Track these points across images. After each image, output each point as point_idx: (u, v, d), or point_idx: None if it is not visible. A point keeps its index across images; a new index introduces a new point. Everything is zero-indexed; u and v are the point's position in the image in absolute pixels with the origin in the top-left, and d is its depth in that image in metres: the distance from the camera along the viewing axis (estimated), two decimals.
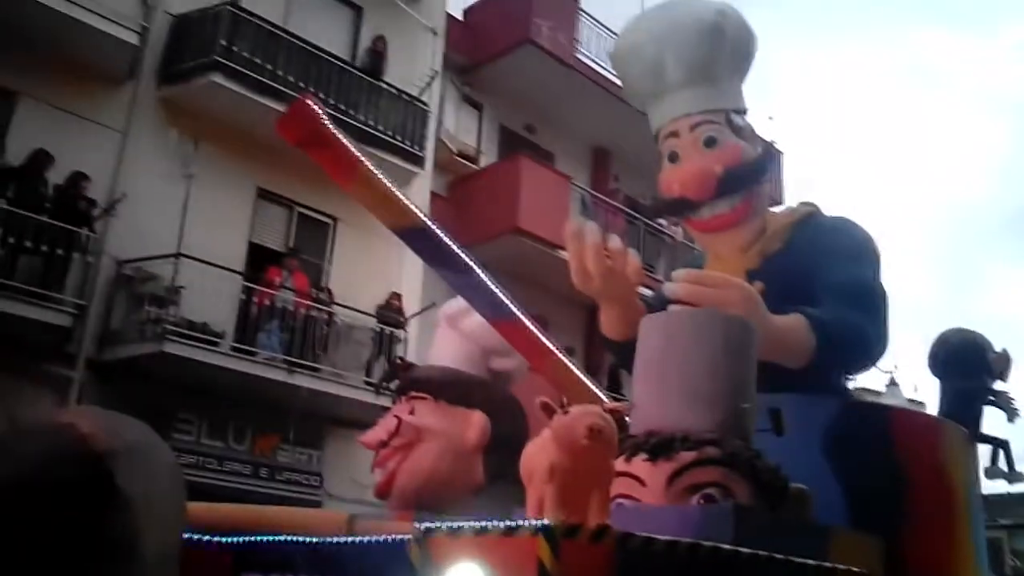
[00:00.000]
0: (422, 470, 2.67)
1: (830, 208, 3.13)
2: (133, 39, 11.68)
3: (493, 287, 2.42)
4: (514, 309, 2.42)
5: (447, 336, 2.93)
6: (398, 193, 2.27)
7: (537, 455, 1.51)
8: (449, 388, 2.76)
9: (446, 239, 2.37)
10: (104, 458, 1.20)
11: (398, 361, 3.02)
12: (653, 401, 1.96)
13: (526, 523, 1.27)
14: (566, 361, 2.53)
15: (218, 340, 11.59)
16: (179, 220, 11.42)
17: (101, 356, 11.15)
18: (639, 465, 1.83)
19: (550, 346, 2.48)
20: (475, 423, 2.68)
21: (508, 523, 1.28)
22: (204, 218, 11.84)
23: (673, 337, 2.03)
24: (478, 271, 2.38)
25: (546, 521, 1.26)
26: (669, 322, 2.13)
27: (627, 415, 1.59)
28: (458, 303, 2.87)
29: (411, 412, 2.74)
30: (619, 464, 1.82)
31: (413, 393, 2.79)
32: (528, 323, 2.43)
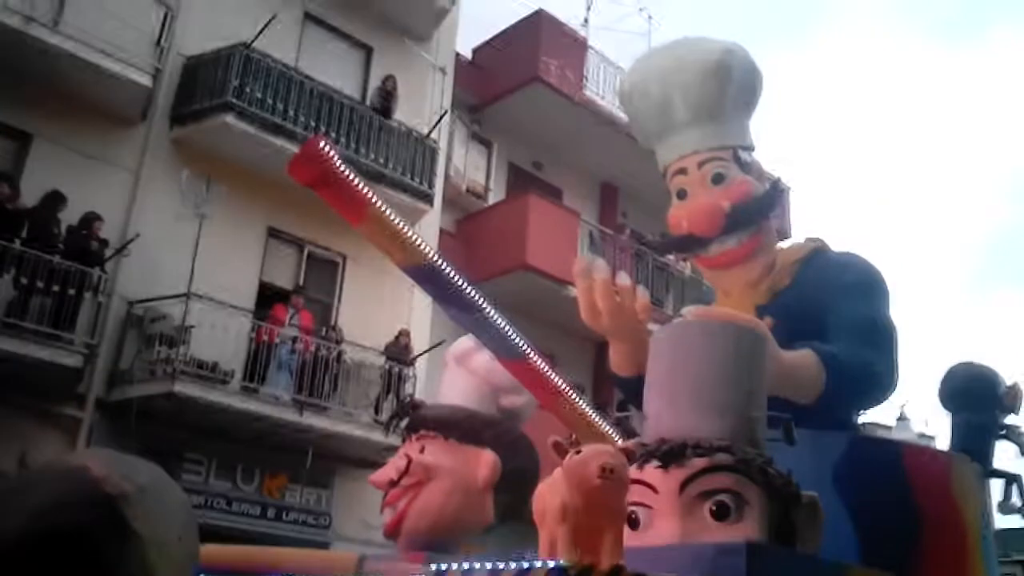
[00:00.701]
0: (432, 509, 2.66)
1: (838, 243, 3.15)
2: (146, 81, 11.82)
3: (503, 325, 2.43)
4: (524, 347, 2.42)
5: (456, 374, 2.94)
6: (409, 231, 2.29)
7: (549, 495, 1.51)
8: (459, 426, 2.76)
9: (456, 277, 2.39)
10: (117, 501, 1.20)
11: (408, 399, 3.02)
12: (665, 410, 1.96)
13: (540, 564, 1.26)
14: (576, 399, 2.53)
15: (228, 380, 11.59)
16: (190, 260, 11.46)
17: (110, 396, 11.16)
18: (651, 472, 1.83)
19: (560, 384, 2.48)
20: (485, 461, 2.68)
21: (522, 564, 1.28)
22: (215, 257, 11.89)
23: (684, 347, 2.04)
24: (488, 309, 2.39)
25: (560, 562, 1.26)
26: (681, 333, 2.15)
27: (637, 454, 1.59)
28: (467, 341, 2.88)
29: (421, 451, 2.74)
30: (631, 472, 1.82)
31: (423, 432, 2.79)
32: (538, 361, 2.44)
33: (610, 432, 2.44)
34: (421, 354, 13.55)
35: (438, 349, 13.01)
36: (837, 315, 2.75)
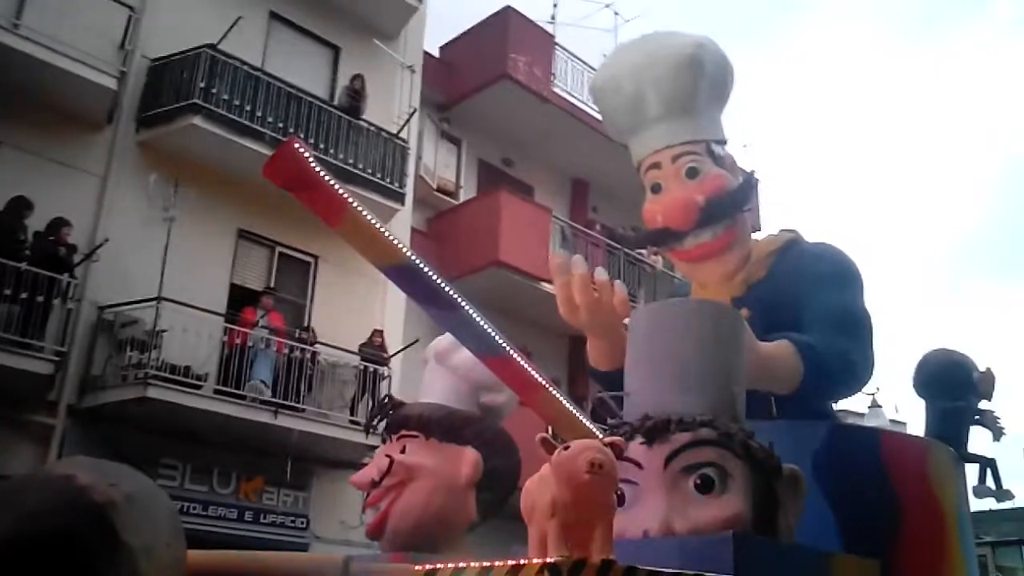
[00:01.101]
0: (415, 509, 2.65)
1: (812, 233, 3.17)
2: (112, 84, 11.71)
3: (482, 323, 2.43)
4: (503, 344, 2.42)
5: (437, 372, 2.93)
6: (386, 232, 2.28)
7: (538, 491, 1.51)
8: (440, 425, 2.75)
9: (434, 276, 2.38)
10: (105, 509, 1.20)
11: (388, 399, 3.01)
12: (647, 388, 1.98)
13: (532, 560, 1.27)
14: (557, 395, 2.54)
15: (201, 383, 11.51)
16: (160, 263, 11.36)
17: (82, 403, 11.05)
18: (636, 449, 1.85)
19: (540, 380, 2.48)
20: (467, 460, 2.68)
21: (513, 561, 1.28)
22: (185, 261, 11.80)
23: (664, 326, 2.06)
24: (466, 308, 2.39)
25: (552, 558, 1.26)
26: (660, 312, 2.18)
27: (624, 449, 1.60)
28: (447, 339, 2.88)
29: (402, 451, 2.73)
30: None
31: (404, 431, 2.78)
32: (518, 358, 2.44)
33: (591, 428, 2.45)
34: (396, 353, 13.54)
35: (413, 348, 13.01)
36: (812, 306, 2.77)
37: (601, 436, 1.74)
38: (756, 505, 1.81)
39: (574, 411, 2.53)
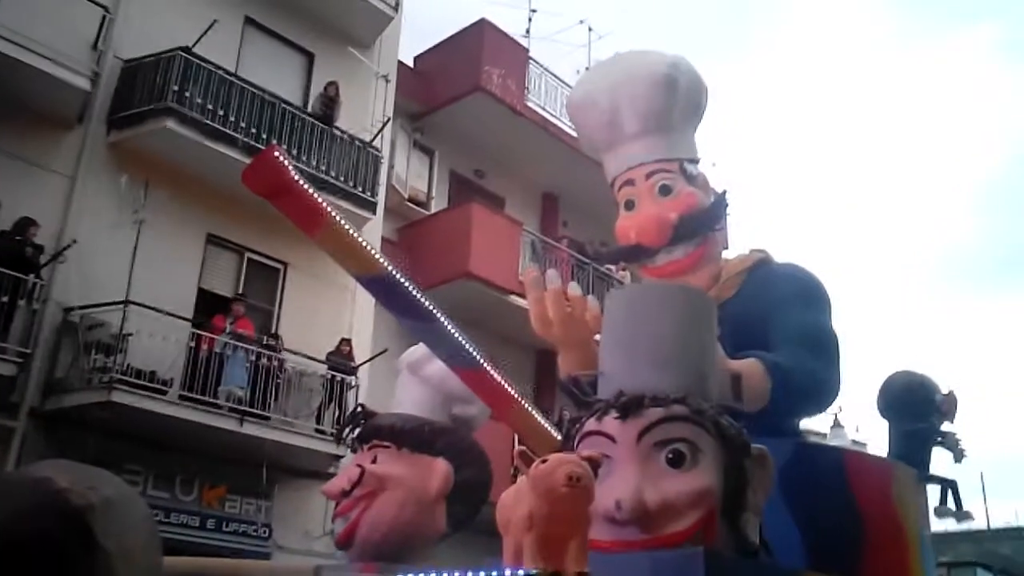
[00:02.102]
0: (385, 519, 2.66)
1: (781, 253, 3.21)
2: (84, 84, 11.63)
3: (456, 335, 2.45)
4: (477, 357, 2.44)
5: (409, 383, 2.94)
6: (363, 242, 2.30)
7: (514, 503, 1.53)
8: (412, 436, 2.76)
9: (410, 288, 2.40)
10: (83, 513, 1.19)
11: (360, 409, 3.01)
12: (621, 368, 2.02)
13: (508, 572, 1.28)
14: (529, 408, 2.56)
15: (166, 389, 11.41)
16: (128, 266, 11.27)
17: (45, 406, 10.91)
18: (610, 423, 1.89)
19: (513, 393, 2.50)
20: (438, 471, 2.68)
21: (490, 572, 1.30)
22: (154, 264, 11.70)
23: (639, 308, 2.10)
24: (441, 319, 2.41)
25: (528, 570, 1.28)
26: (635, 295, 2.22)
27: (601, 463, 1.62)
28: (420, 350, 2.89)
29: (374, 460, 2.73)
30: (590, 424, 1.90)
31: (376, 442, 2.78)
32: (491, 370, 2.46)
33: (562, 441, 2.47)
34: (364, 363, 13.49)
35: (381, 358, 12.98)
36: (781, 325, 2.80)
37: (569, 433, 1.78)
38: (726, 480, 1.86)
39: (545, 424, 2.55)
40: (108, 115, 12.27)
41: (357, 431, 2.88)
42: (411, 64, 17.60)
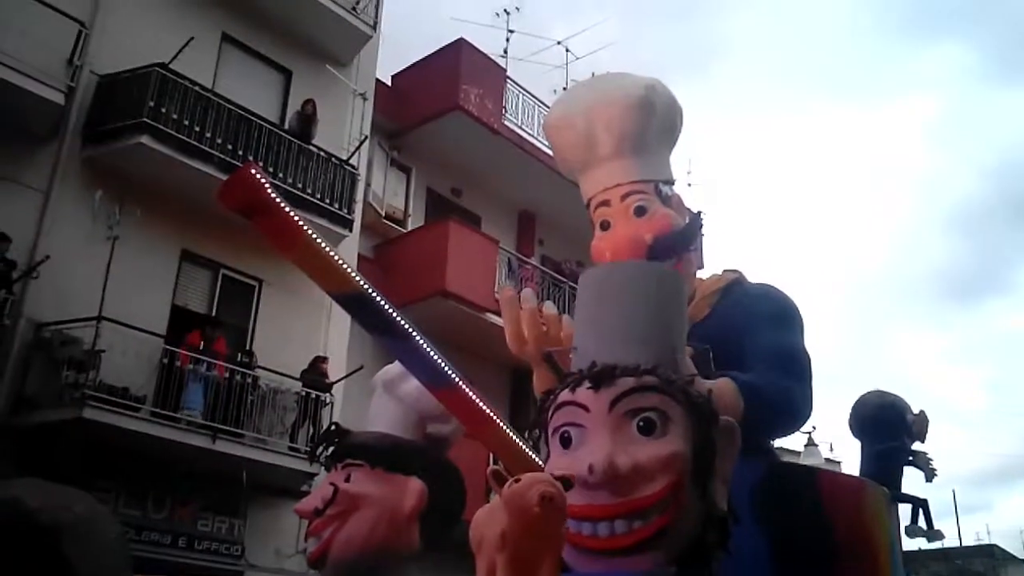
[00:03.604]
0: (358, 539, 2.64)
1: (755, 273, 3.24)
2: (59, 99, 11.56)
3: (432, 354, 2.45)
4: (453, 375, 2.44)
5: (383, 401, 2.93)
6: (340, 260, 2.30)
7: (487, 522, 1.53)
8: (386, 455, 2.75)
9: (386, 306, 2.40)
10: (52, 532, 1.19)
11: (333, 427, 3.00)
12: (593, 343, 2.05)
13: None
14: (505, 428, 2.56)
15: (139, 406, 11.31)
16: (101, 282, 11.19)
17: (15, 421, 10.78)
18: (583, 393, 1.92)
19: (488, 412, 2.51)
20: (412, 490, 2.67)
21: None
22: (127, 281, 11.62)
23: (611, 285, 2.14)
24: (418, 338, 2.41)
25: None
26: (606, 273, 2.25)
27: (575, 481, 1.63)
28: (395, 368, 2.88)
29: (347, 479, 2.72)
30: (564, 395, 1.93)
31: (349, 460, 2.77)
32: (467, 389, 2.46)
33: (537, 460, 2.47)
34: (338, 380, 13.44)
35: (356, 376, 12.93)
36: (754, 345, 2.82)
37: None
38: (695, 448, 1.89)
39: (521, 445, 2.55)
40: (83, 130, 12.20)
41: (330, 449, 2.86)
42: (389, 82, 17.65)
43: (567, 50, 20.16)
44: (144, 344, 11.58)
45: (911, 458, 4.52)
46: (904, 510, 4.81)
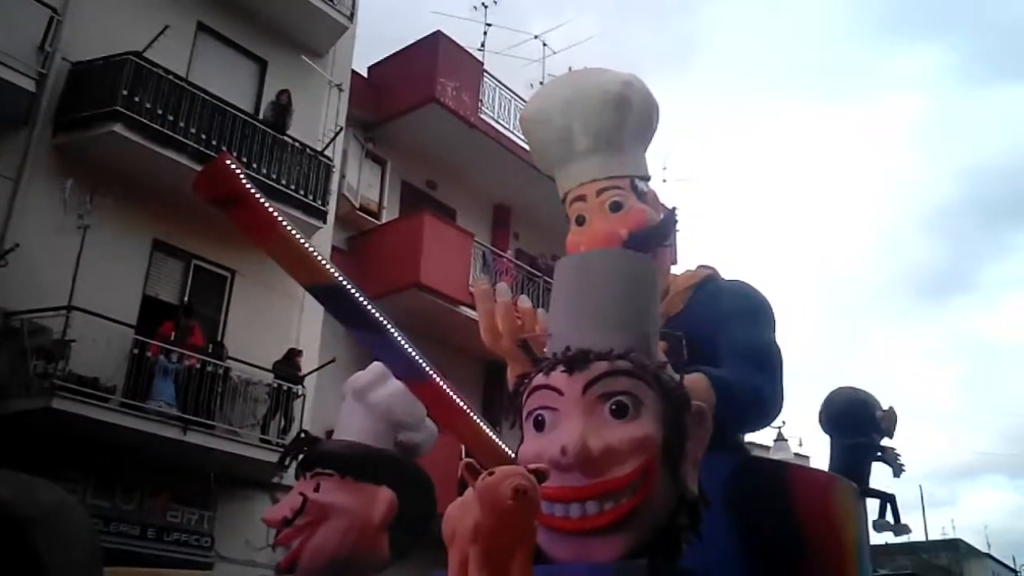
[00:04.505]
0: (328, 548, 2.63)
1: (728, 270, 3.26)
2: (29, 85, 11.42)
3: (406, 346, 2.45)
4: (428, 369, 2.45)
5: (354, 409, 2.91)
6: (314, 252, 2.30)
7: (460, 515, 1.53)
8: (356, 464, 2.73)
9: (361, 298, 2.40)
10: (23, 525, 1.18)
11: (303, 435, 2.98)
12: (568, 329, 2.08)
13: None
14: (478, 420, 2.57)
15: (108, 396, 11.21)
16: (72, 271, 11.07)
17: None
18: (557, 377, 1.95)
19: (462, 405, 2.51)
20: (382, 499, 2.67)
21: None
22: (98, 270, 11.51)
23: (585, 272, 2.17)
24: (392, 331, 2.41)
25: None
26: (580, 261, 2.28)
27: (548, 474, 1.64)
28: (365, 376, 2.86)
29: (316, 488, 2.70)
30: (539, 379, 1.96)
31: (318, 469, 2.75)
32: (442, 383, 2.47)
33: (510, 453, 2.48)
34: (311, 372, 13.38)
35: (328, 368, 12.89)
36: (727, 340, 2.84)
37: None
38: (666, 431, 1.90)
39: (494, 438, 2.56)
40: (54, 117, 12.05)
41: (300, 458, 2.84)
42: (365, 74, 17.57)
43: (544, 44, 20.17)
44: (115, 334, 11.47)
45: (880, 453, 4.56)
46: (872, 504, 4.86)
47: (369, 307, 2.39)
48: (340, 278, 2.35)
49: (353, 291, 2.39)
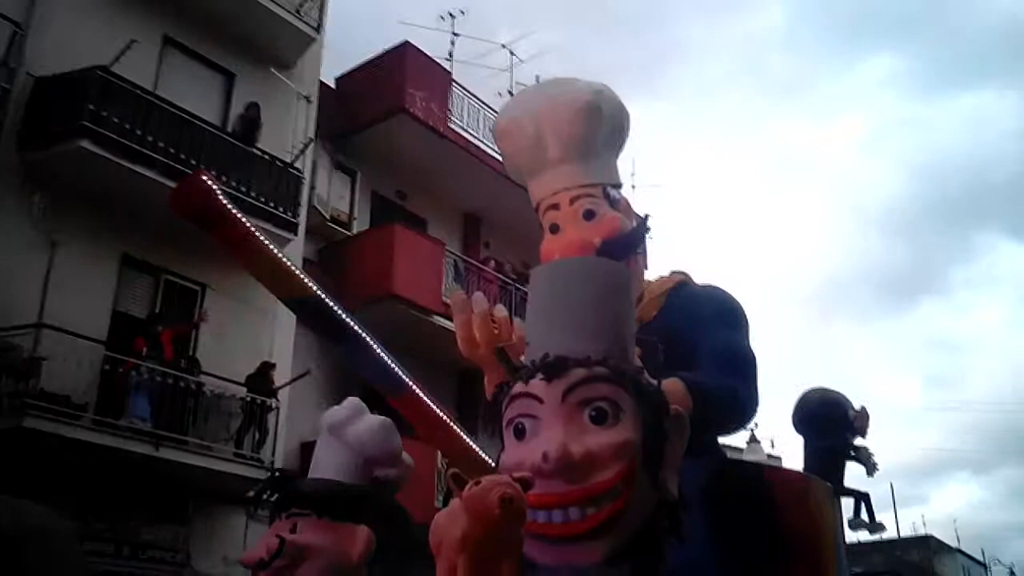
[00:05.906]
0: None
1: (700, 276, 3.29)
2: None
3: (384, 357, 2.46)
4: (406, 380, 2.46)
5: (329, 445, 2.88)
6: (291, 265, 2.31)
7: (448, 525, 1.54)
8: (332, 504, 2.71)
9: (337, 310, 2.41)
10: (13, 543, 1.19)
11: (277, 474, 2.96)
12: (545, 337, 2.08)
13: None
14: (457, 431, 2.58)
15: (81, 414, 11.11)
16: (41, 288, 10.98)
17: None
18: (536, 385, 1.94)
19: (442, 416, 2.53)
20: (360, 536, 2.66)
21: None
22: (67, 286, 11.43)
23: (561, 280, 2.18)
24: (370, 342, 2.42)
25: None
26: (555, 268, 2.30)
27: (533, 482, 1.65)
28: (341, 412, 2.85)
29: (292, 529, 2.69)
30: (518, 387, 1.95)
31: (295, 509, 2.74)
32: (420, 393, 2.48)
33: (490, 463, 2.49)
34: (284, 385, 13.33)
35: (301, 381, 12.85)
36: (702, 345, 2.87)
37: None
38: (646, 436, 1.92)
39: (475, 448, 2.58)
40: (19, 133, 11.93)
41: (275, 498, 2.82)
42: (333, 85, 17.54)
43: (512, 54, 20.26)
44: (85, 351, 11.38)
45: (853, 453, 4.63)
46: (847, 504, 4.92)
47: (348, 320, 2.40)
48: (318, 291, 2.36)
49: (330, 304, 2.40)
